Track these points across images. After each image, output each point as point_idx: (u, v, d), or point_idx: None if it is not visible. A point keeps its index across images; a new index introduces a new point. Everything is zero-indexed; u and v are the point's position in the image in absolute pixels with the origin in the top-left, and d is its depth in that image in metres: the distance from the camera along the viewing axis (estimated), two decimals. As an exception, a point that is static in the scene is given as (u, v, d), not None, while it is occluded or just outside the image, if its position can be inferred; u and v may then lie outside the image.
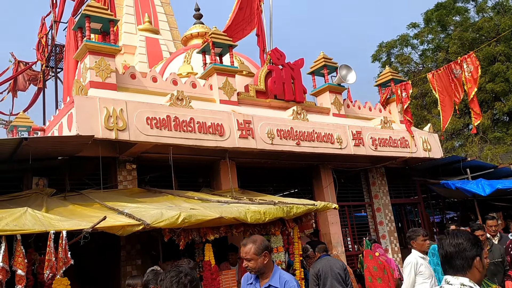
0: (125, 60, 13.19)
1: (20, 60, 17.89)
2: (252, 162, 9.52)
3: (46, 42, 16.27)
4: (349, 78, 11.09)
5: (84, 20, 7.92)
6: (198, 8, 13.40)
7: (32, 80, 17.63)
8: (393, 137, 10.94)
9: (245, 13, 11.26)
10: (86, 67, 7.76)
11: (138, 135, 7.13)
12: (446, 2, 24.66)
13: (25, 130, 10.39)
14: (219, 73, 9.27)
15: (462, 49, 21.83)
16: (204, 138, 7.89)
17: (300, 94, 10.31)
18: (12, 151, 6.16)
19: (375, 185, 11.82)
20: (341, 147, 9.82)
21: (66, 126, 7.03)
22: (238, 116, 8.48)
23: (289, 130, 9.09)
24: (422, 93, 24.03)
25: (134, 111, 7.19)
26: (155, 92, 8.37)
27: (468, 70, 10.58)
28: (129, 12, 14.25)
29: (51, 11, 15.76)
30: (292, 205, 7.18)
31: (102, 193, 7.07)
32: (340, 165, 10.86)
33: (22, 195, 6.58)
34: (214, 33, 9.57)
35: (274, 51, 10.32)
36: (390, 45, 26.21)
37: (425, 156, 11.58)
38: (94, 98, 6.95)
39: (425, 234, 5.77)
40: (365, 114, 11.72)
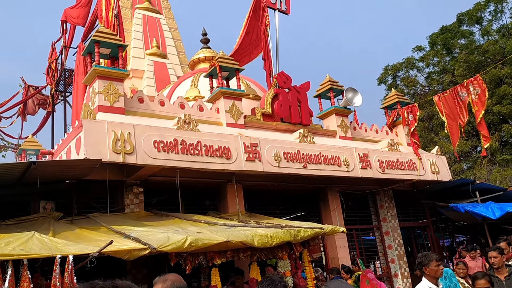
0: (133, 84, 13.34)
1: (30, 84, 18.16)
2: (259, 185, 9.50)
3: (55, 67, 16.54)
4: (356, 101, 11.12)
5: (93, 45, 8.06)
6: (205, 33, 13.60)
7: (42, 104, 17.86)
8: (400, 160, 10.89)
9: (252, 38, 11.41)
10: (94, 91, 7.86)
11: (145, 159, 7.16)
12: (451, 25, 24.85)
13: (33, 154, 10.44)
14: (226, 97, 9.34)
15: (468, 72, 21.88)
16: (211, 161, 7.90)
17: (307, 117, 10.34)
18: (20, 175, 6.20)
19: (383, 208, 11.72)
20: (348, 169, 9.78)
21: (74, 150, 7.08)
22: (245, 139, 8.50)
23: (295, 153, 9.09)
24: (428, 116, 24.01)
25: (141, 134, 7.24)
26: (162, 116, 8.43)
27: (475, 92, 10.57)
28: (138, 37, 14.48)
29: (61, 36, 16.07)
30: (299, 229, 7.12)
31: (109, 216, 7.06)
32: (348, 188, 10.79)
33: (30, 219, 6.59)
34: (221, 57, 9.68)
35: (281, 75, 10.41)
36: (395, 68, 26.34)
37: (433, 179, 11.49)
38: (102, 122, 7.02)
39: (439, 259, 5.11)
40: (371, 137, 11.70)
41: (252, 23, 11.41)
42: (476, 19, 24.32)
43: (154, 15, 15.28)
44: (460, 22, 24.83)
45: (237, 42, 11.38)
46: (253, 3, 11.46)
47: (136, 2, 15.55)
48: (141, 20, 14.81)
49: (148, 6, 15.31)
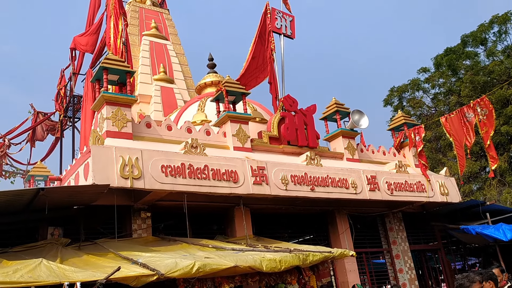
0: (140, 109, 13.48)
1: (39, 111, 18.40)
2: (267, 209, 9.45)
3: (64, 93, 16.78)
4: (362, 123, 11.13)
5: (102, 72, 8.19)
6: (212, 58, 13.78)
7: (50, 130, 18.04)
8: (408, 181, 10.82)
9: (258, 62, 11.55)
10: (103, 117, 7.94)
11: (153, 183, 7.17)
12: (456, 47, 24.98)
13: (42, 180, 10.52)
14: (233, 121, 9.40)
15: (474, 93, 21.87)
16: (218, 185, 7.90)
17: (313, 139, 10.35)
18: (29, 201, 6.23)
19: (392, 230, 11.58)
20: (356, 192, 9.72)
21: (83, 176, 7.11)
22: (252, 163, 8.51)
23: (303, 176, 9.07)
24: (436, 136, 23.92)
25: (149, 159, 7.27)
26: (170, 140, 8.48)
27: (483, 113, 10.55)
28: (145, 63, 14.69)
29: (70, 63, 16.35)
30: (308, 253, 7.04)
31: (117, 242, 7.03)
32: (356, 211, 10.70)
33: (38, 246, 6.58)
34: (228, 81, 9.78)
35: (287, 98, 10.47)
36: (401, 89, 26.40)
37: (442, 201, 11.37)
38: (110, 147, 7.07)
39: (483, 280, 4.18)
40: (379, 159, 11.66)
41: (258, 48, 11.57)
42: (481, 40, 24.44)
43: (161, 41, 15.54)
44: (465, 44, 24.95)
45: (243, 67, 11.51)
46: (259, 29, 11.64)
47: (144, 29, 15.84)
48: (149, 47, 15.06)
49: (155, 32, 15.59)
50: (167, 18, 17.10)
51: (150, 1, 17.42)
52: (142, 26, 16.01)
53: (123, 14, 10.76)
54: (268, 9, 11.68)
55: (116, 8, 10.76)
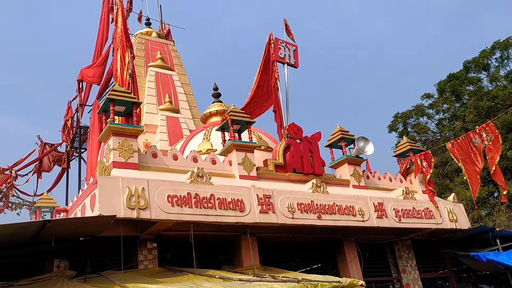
0: (146, 139, 13.58)
1: (46, 142, 18.53)
2: (274, 237, 9.36)
3: (71, 124, 16.95)
4: (367, 150, 11.13)
5: (109, 103, 8.30)
6: (217, 88, 13.93)
7: (57, 161, 18.13)
8: (416, 208, 10.71)
9: (263, 91, 11.69)
10: (109, 148, 8.00)
11: (159, 214, 7.16)
12: (458, 73, 25.15)
13: (48, 211, 10.49)
14: (238, 149, 9.42)
15: (479, 118, 21.88)
16: (224, 214, 7.86)
17: (319, 167, 10.33)
18: (35, 233, 6.21)
19: (402, 258, 11.39)
20: (363, 219, 9.63)
21: (89, 207, 7.11)
22: (258, 191, 8.48)
23: (309, 204, 9.01)
24: (442, 162, 23.80)
25: (155, 189, 7.27)
26: (176, 170, 8.49)
27: (488, 139, 10.53)
28: (151, 93, 14.89)
29: (77, 95, 16.58)
30: (316, 283, 6.92)
31: (123, 274, 6.96)
32: (364, 238, 10.57)
33: (43, 279, 6.52)
34: (233, 110, 9.86)
35: (291, 126, 10.52)
36: (405, 115, 26.47)
37: (452, 227, 11.23)
38: (116, 178, 7.09)
39: None
40: (385, 185, 11.59)
41: (263, 77, 11.72)
42: (483, 66, 24.62)
43: (166, 72, 15.79)
44: (467, 69, 25.14)
45: (248, 96, 11.65)
46: (263, 58, 11.83)
47: (150, 60, 16.13)
48: (154, 77, 15.29)
49: (161, 63, 15.85)
50: (173, 49, 17.42)
51: (156, 33, 17.80)
52: (148, 57, 16.31)
53: (130, 46, 10.98)
54: (272, 39, 11.89)
55: (123, 41, 10.98)
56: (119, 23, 11.44)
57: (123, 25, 11.36)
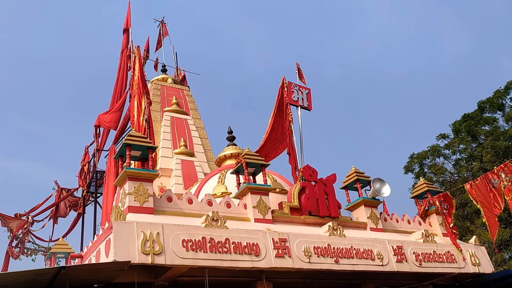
0: (161, 183, 13.64)
1: (62, 187, 18.72)
2: (290, 283, 9.12)
3: (88, 169, 17.15)
4: (384, 191, 10.98)
5: (125, 149, 8.42)
6: (231, 131, 14.07)
7: (73, 206, 18.22)
8: (437, 252, 10.41)
9: (278, 133, 11.76)
10: (125, 192, 8.04)
11: (174, 259, 7.08)
12: (473, 113, 25.05)
13: (63, 257, 10.46)
14: (253, 192, 9.39)
15: (496, 158, 21.57)
16: (240, 259, 7.74)
17: (335, 209, 10.20)
18: (50, 280, 6.17)
19: (424, 305, 10.96)
20: (382, 263, 9.37)
21: (104, 252, 7.07)
22: (273, 235, 8.37)
23: (326, 247, 8.84)
24: (462, 203, 23.28)
25: (170, 234, 7.23)
26: (190, 214, 8.47)
27: (507, 179, 10.34)
28: (166, 137, 15.09)
29: (94, 140, 16.88)
30: (335, 331, 6.68)
31: (137, 321, 6.82)
32: (384, 283, 10.23)
33: (56, 326, 6.42)
34: (247, 154, 9.91)
35: (306, 168, 10.49)
36: (421, 156, 26.21)
37: (474, 271, 10.83)
38: (132, 223, 7.08)
39: None
40: (404, 228, 11.34)
41: (277, 120, 11.84)
42: (498, 106, 24.53)
43: (182, 116, 16.05)
44: (482, 110, 25.05)
45: (263, 138, 11.71)
46: (277, 102, 12.00)
47: (165, 105, 16.46)
48: (170, 122, 15.55)
49: (176, 108, 16.16)
50: (188, 94, 17.79)
51: (172, 79, 18.26)
52: (163, 102, 16.66)
53: (146, 93, 11.25)
54: (285, 83, 12.09)
55: (139, 88, 11.28)
56: (136, 70, 11.79)
57: (140, 72, 11.70)
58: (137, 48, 12.68)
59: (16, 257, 16.60)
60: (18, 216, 17.12)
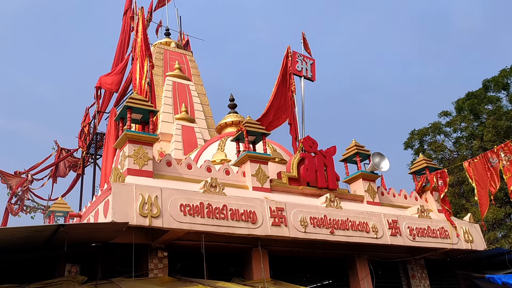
0: (161, 147, 13.66)
1: (62, 147, 18.78)
2: (285, 251, 9.27)
3: (88, 131, 17.15)
4: (383, 166, 11.01)
5: (126, 111, 8.37)
6: (233, 98, 13.99)
7: (72, 167, 18.33)
8: (431, 227, 10.53)
9: (280, 103, 11.69)
10: (124, 155, 8.05)
11: (171, 222, 7.15)
12: (477, 91, 24.84)
13: (61, 216, 10.59)
14: (252, 161, 9.41)
15: (497, 137, 21.54)
16: (236, 226, 7.82)
17: (333, 181, 10.25)
18: (48, 237, 6.25)
19: (415, 278, 11.17)
20: (377, 236, 9.49)
21: (102, 213, 7.14)
22: (271, 204, 8.44)
23: (322, 218, 8.93)
24: (459, 181, 23.41)
25: (168, 198, 7.28)
26: (189, 179, 8.51)
27: (506, 159, 10.35)
28: (168, 102, 15.01)
29: (95, 102, 16.79)
30: (327, 299, 6.82)
31: (133, 281, 6.95)
32: (377, 256, 10.39)
33: (54, 283, 6.54)
34: (248, 122, 9.87)
35: (307, 139, 10.48)
36: (422, 132, 26.15)
37: (467, 248, 10.99)
38: (131, 185, 7.12)
39: None
40: (400, 202, 11.43)
41: (280, 89, 11.74)
42: (503, 85, 24.30)
43: (183, 81, 15.92)
44: (486, 88, 24.82)
45: (266, 107, 11.64)
46: (281, 71, 11.87)
47: (168, 70, 16.29)
48: (171, 87, 15.43)
49: (179, 73, 16.00)
50: (190, 60, 17.59)
51: (175, 44, 18.01)
52: (166, 67, 16.48)
53: (149, 56, 11.10)
54: (289, 52, 11.93)
55: (142, 50, 11.12)
56: (139, 32, 11.60)
57: (143, 34, 11.51)
58: (141, 9, 12.45)
59: (15, 214, 16.82)
60: (18, 174, 17.25)
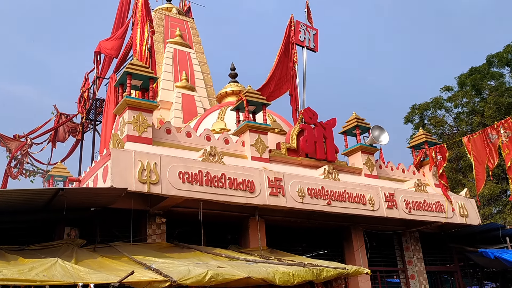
0: (161, 115, 13.61)
1: (61, 112, 18.69)
2: (282, 221, 9.38)
3: (87, 96, 17.04)
4: (382, 139, 11.01)
5: (126, 77, 8.30)
6: (234, 68, 13.85)
7: (72, 132, 18.30)
8: (427, 201, 10.63)
9: (282, 73, 11.57)
10: (124, 121, 8.03)
11: (170, 189, 7.21)
12: (481, 66, 24.61)
13: (61, 180, 10.64)
14: (252, 130, 9.40)
15: (498, 114, 21.49)
16: (234, 194, 7.89)
17: (332, 153, 10.27)
18: (48, 201, 6.30)
19: (408, 250, 11.37)
20: (373, 208, 9.60)
21: (101, 178, 7.18)
22: (269, 174, 8.49)
23: (320, 189, 9.00)
24: (457, 157, 23.51)
25: (167, 165, 7.31)
26: (188, 147, 8.52)
27: (506, 135, 10.35)
28: (168, 70, 14.86)
29: (94, 67, 16.62)
30: (322, 268, 6.95)
31: (131, 246, 7.06)
32: (372, 228, 10.55)
33: (54, 245, 6.65)
34: (249, 91, 9.81)
35: (307, 110, 10.45)
36: (423, 107, 26.06)
37: (461, 222, 11.14)
38: (130, 151, 7.14)
39: None
40: (398, 176, 11.50)
41: (282, 59, 11.60)
42: (507, 61, 24.05)
43: (184, 49, 15.71)
44: (490, 64, 24.58)
45: (268, 76, 11.53)
46: (283, 41, 11.69)
47: (168, 37, 16.05)
48: (172, 54, 15.24)
49: (180, 40, 15.77)
50: (192, 27, 17.31)
51: (176, 10, 17.68)
52: (167, 33, 16.24)
53: (150, 21, 10.91)
54: (292, 21, 11.73)
55: (143, 15, 10.92)
56: (140, -3, 11.35)
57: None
58: (142, -28, 12.13)
59: (15, 177, 16.90)
60: (17, 138, 17.23)
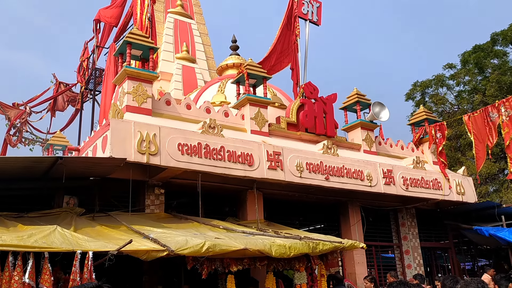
0: (161, 86, 13.51)
1: (61, 81, 18.57)
2: (280, 194, 9.45)
3: (87, 66, 16.90)
4: (382, 116, 10.98)
5: (125, 46, 8.20)
6: (235, 40, 13.69)
7: (71, 101, 18.24)
8: (425, 178, 10.69)
9: (283, 47, 11.40)
10: (124, 91, 7.98)
11: (168, 161, 7.22)
12: (485, 44, 24.31)
13: (60, 149, 10.67)
14: (252, 104, 9.36)
15: (499, 93, 21.36)
16: (233, 167, 7.92)
17: (332, 128, 10.26)
18: (47, 169, 6.32)
19: (404, 226, 11.50)
20: (371, 184, 9.65)
21: (100, 148, 7.18)
22: (268, 147, 8.49)
23: (318, 164, 9.02)
24: (456, 135, 23.50)
25: (166, 136, 7.31)
26: (188, 119, 8.49)
27: (506, 114, 10.32)
28: (168, 40, 14.67)
29: (94, 36, 16.42)
30: (318, 241, 7.04)
31: (130, 216, 7.12)
32: (369, 203, 10.63)
33: (53, 213, 6.71)
34: (250, 64, 9.72)
35: (308, 85, 10.37)
36: (424, 84, 25.87)
37: (458, 200, 11.23)
38: (129, 122, 7.12)
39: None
40: (396, 153, 11.52)
41: (284, 32, 11.42)
42: (511, 39, 23.77)
43: (185, 20, 15.48)
44: (494, 42, 24.28)
45: (269, 50, 11.38)
46: (286, 13, 11.48)
47: (169, 6, 15.78)
48: (173, 24, 15.02)
49: (181, 10, 15.52)
50: (193, -4, 16.99)
51: (177, -22, 17.32)
52: (167, 3, 15.95)
53: (150, -11, 10.72)
54: (296, -7, 11.49)
55: (143, -17, 10.72)
56: (140, -36, 11.12)
57: (144, -34, 11.04)
58: None
59: (14, 145, 16.93)
60: (16, 106, 17.18)
